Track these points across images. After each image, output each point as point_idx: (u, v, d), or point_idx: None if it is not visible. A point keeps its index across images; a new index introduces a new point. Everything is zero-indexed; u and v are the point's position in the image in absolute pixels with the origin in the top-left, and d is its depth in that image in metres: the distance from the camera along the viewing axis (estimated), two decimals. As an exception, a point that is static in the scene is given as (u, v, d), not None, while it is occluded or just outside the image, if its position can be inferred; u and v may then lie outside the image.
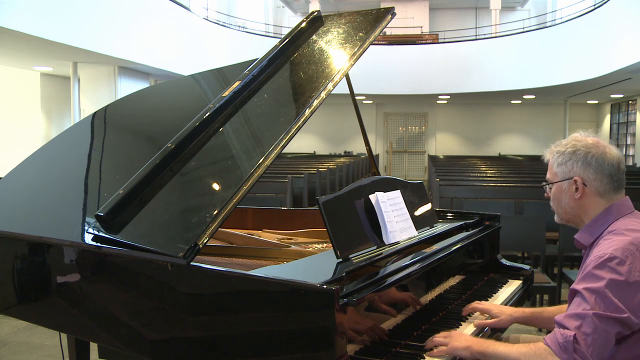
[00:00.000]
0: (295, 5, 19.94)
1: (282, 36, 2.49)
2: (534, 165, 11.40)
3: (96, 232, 1.82)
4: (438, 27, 18.64)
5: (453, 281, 2.23)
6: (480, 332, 1.90)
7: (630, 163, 14.89)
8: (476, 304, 2.02)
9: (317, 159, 14.62)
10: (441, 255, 2.06)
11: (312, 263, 1.97)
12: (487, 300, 2.27)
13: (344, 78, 2.32)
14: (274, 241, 2.54)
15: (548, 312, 1.99)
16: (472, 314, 2.03)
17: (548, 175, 1.78)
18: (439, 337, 1.70)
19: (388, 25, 2.50)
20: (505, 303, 2.27)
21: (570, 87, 13.40)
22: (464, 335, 1.73)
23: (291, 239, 2.70)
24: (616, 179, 1.68)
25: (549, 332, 1.92)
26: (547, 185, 1.79)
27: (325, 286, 1.41)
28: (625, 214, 1.67)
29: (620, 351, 1.51)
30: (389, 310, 1.73)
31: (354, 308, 1.51)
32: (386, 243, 2.02)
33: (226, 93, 2.12)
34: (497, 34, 15.30)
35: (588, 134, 1.74)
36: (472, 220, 2.67)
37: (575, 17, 12.58)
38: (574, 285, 1.55)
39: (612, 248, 1.53)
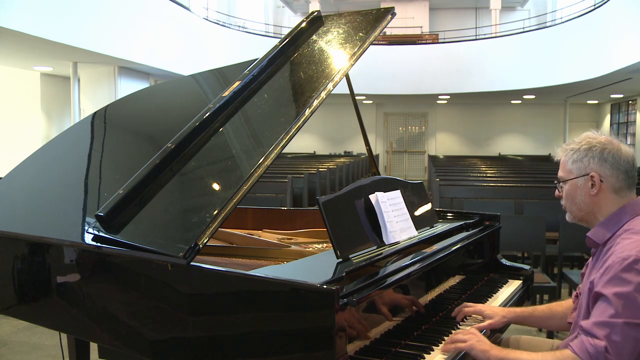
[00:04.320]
0: (295, 5, 19.94)
1: (282, 36, 2.49)
2: (534, 165, 11.41)
3: (96, 232, 1.82)
4: (438, 27, 18.63)
5: (453, 281, 2.23)
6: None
7: (631, 163, 14.88)
8: (466, 308, 2.00)
9: (317, 159, 14.62)
10: (441, 255, 2.06)
11: (312, 263, 1.96)
12: (487, 300, 2.27)
13: (344, 78, 2.32)
14: (274, 241, 2.54)
15: (539, 311, 1.99)
16: (468, 317, 2.01)
17: (561, 174, 1.75)
18: (461, 335, 1.70)
19: (388, 25, 2.50)
20: (506, 303, 2.27)
21: (570, 87, 13.40)
22: (486, 339, 1.70)
23: (291, 239, 2.70)
24: (631, 175, 1.67)
25: (549, 332, 1.91)
26: (559, 184, 1.76)
27: (325, 286, 1.41)
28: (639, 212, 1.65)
29: None
30: (389, 310, 1.73)
31: (354, 308, 1.51)
32: (386, 243, 2.02)
33: (226, 93, 2.12)
34: (497, 34, 15.31)
35: (600, 133, 1.73)
36: (472, 220, 2.67)
37: (575, 17, 12.59)
38: (599, 289, 1.52)
39: (636, 249, 1.50)
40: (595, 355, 1.43)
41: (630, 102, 16.37)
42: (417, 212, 2.36)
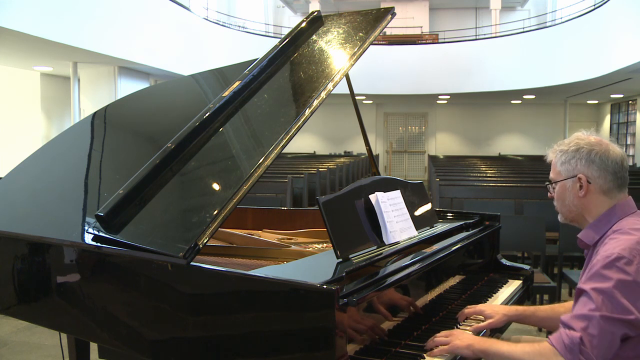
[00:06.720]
0: (295, 5, 19.94)
1: (282, 36, 2.49)
2: (534, 165, 11.40)
3: (96, 232, 1.82)
4: (438, 27, 18.63)
5: (453, 281, 2.23)
6: (477, 335, 1.88)
7: (631, 163, 14.89)
8: (468, 309, 2.00)
9: (317, 159, 14.61)
10: (441, 255, 2.06)
11: (312, 263, 1.97)
12: (487, 300, 2.27)
13: (344, 78, 2.32)
14: (274, 241, 2.54)
15: (541, 311, 1.99)
16: (469, 318, 2.01)
17: (551, 175, 1.77)
18: (440, 337, 1.70)
19: (388, 25, 2.50)
20: (506, 303, 2.27)
21: (570, 87, 13.41)
22: (465, 333, 1.72)
23: (291, 239, 2.70)
24: (620, 176, 1.67)
25: (549, 332, 1.92)
26: (550, 185, 1.78)
27: (325, 286, 1.41)
28: (629, 213, 1.66)
29: (624, 349, 1.50)
30: (389, 310, 1.73)
31: (354, 308, 1.51)
32: (386, 243, 2.02)
33: (226, 93, 2.12)
34: (497, 34, 15.31)
35: (590, 133, 1.74)
36: (472, 220, 2.67)
37: (575, 17, 12.59)
38: (581, 285, 1.54)
39: (619, 248, 1.52)
40: (570, 346, 1.45)
41: (630, 102, 16.37)
42: (417, 212, 2.36)
